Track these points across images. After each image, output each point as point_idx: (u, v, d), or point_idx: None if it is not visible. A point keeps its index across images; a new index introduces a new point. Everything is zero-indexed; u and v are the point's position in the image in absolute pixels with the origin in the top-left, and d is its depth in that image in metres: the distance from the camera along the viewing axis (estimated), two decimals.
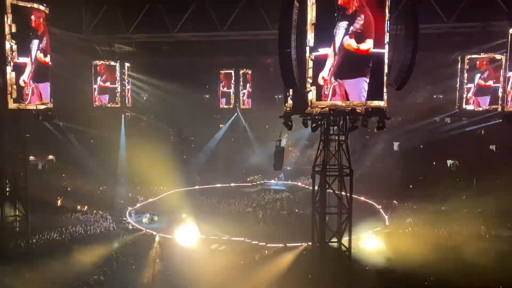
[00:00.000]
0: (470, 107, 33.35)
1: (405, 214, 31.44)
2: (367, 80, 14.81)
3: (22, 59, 19.54)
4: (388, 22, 14.73)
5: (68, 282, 19.26)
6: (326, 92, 14.85)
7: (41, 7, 20.13)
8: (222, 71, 45.43)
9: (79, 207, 31.38)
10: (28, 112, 20.34)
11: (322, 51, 14.67)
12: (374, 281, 19.79)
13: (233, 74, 45.01)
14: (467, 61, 32.95)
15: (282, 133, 20.40)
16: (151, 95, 49.01)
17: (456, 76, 34.15)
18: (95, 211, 31.27)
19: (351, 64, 14.78)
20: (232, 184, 41.64)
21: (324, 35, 14.63)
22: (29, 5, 19.60)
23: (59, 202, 32.01)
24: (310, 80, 14.72)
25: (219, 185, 41.41)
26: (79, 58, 37.13)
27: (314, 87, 14.76)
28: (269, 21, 29.74)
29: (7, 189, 21.32)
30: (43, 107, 20.46)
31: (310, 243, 17.31)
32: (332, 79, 14.72)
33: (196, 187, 40.83)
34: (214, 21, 31.17)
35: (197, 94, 51.60)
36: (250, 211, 32.47)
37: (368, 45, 14.57)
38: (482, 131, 37.15)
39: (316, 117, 15.62)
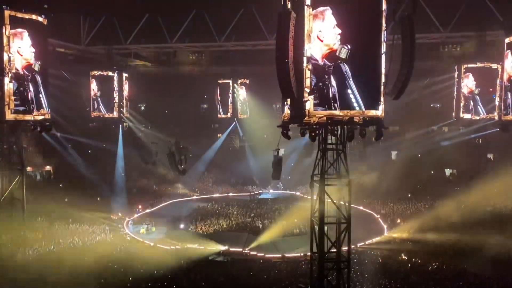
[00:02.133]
0: (467, 115, 33.50)
1: (404, 223, 31.38)
2: None
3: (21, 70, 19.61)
4: (385, 32, 14.85)
5: None
6: None
7: (40, 19, 20.20)
8: (220, 81, 45.57)
9: (76, 217, 31.09)
10: (25, 122, 20.31)
11: None
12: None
13: (230, 84, 45.15)
14: (464, 70, 33.14)
15: (280, 143, 20.37)
16: (149, 105, 49.12)
17: (453, 85, 34.34)
18: (92, 222, 31.08)
19: None
20: (230, 194, 41.52)
21: None
22: (27, 16, 19.66)
23: (56, 212, 31.74)
24: (307, 90, 14.76)
25: (217, 195, 41.31)
26: (77, 68, 37.35)
27: (312, 97, 14.79)
28: (266, 31, 29.97)
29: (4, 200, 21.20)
30: (40, 117, 20.42)
31: (308, 253, 17.18)
32: None
33: (194, 197, 40.73)
34: (211, 32, 31.39)
35: (195, 104, 51.73)
36: (249, 221, 32.34)
37: None
38: (480, 139, 37.24)
39: (314, 127, 15.62)
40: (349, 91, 14.92)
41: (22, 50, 19.41)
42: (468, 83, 33.22)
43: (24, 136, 21.92)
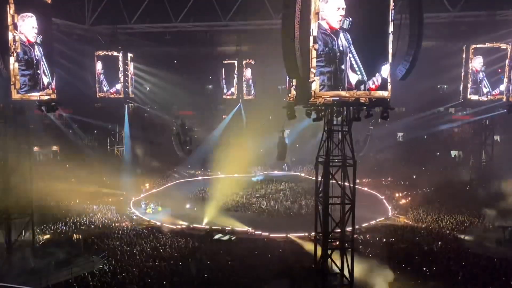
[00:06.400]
0: (474, 97, 33.13)
1: (408, 204, 31.51)
2: None
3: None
4: (393, 11, 14.58)
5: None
6: None
7: None
8: (225, 61, 45.21)
9: (83, 197, 31.46)
10: (32, 102, 20.34)
11: None
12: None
13: (236, 65, 44.79)
14: (472, 50, 32.65)
15: (285, 124, 20.33)
16: (154, 86, 48.93)
17: (461, 65, 33.81)
18: (99, 201, 31.46)
19: None
20: (235, 175, 41.72)
21: None
22: None
23: (63, 193, 32.10)
24: (313, 70, 14.59)
25: (222, 175, 41.54)
26: (82, 48, 37.14)
27: (318, 77, 14.63)
28: (272, 10, 29.56)
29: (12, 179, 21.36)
30: (46, 97, 20.43)
31: (313, 233, 17.30)
32: None
33: (199, 177, 40.95)
34: (216, 11, 31.01)
35: (201, 84, 51.48)
36: (254, 201, 32.60)
37: None
38: (487, 121, 36.94)
39: (320, 108, 15.50)
40: (350, 55, 14.71)
41: (23, 29, 19.38)
42: (476, 63, 32.78)
43: (30, 116, 21.90)
